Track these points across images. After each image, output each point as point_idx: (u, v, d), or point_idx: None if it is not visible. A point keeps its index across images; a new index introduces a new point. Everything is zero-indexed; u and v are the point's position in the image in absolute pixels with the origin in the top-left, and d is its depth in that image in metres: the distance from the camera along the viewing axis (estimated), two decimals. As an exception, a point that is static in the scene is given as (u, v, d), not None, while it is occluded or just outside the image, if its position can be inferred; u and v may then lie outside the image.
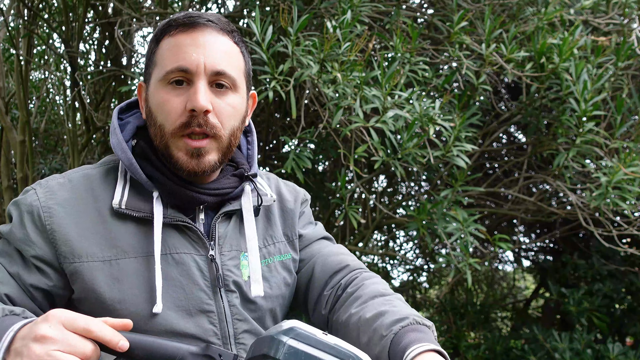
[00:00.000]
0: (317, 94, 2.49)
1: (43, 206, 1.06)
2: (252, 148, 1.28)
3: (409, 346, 0.98)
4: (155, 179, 1.11)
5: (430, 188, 3.24)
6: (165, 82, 1.08)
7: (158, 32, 1.12)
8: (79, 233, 1.06)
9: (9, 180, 3.96)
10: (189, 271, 1.09)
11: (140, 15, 3.08)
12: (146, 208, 1.09)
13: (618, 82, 2.67)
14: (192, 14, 1.09)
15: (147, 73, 1.14)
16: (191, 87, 1.07)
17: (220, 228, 1.15)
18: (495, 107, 2.91)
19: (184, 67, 1.06)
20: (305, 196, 1.38)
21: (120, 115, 1.21)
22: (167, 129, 1.07)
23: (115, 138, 1.14)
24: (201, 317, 1.08)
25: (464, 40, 2.45)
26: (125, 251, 1.07)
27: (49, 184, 1.11)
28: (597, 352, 3.17)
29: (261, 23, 2.12)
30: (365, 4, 2.38)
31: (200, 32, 1.08)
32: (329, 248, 1.32)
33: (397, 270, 4.97)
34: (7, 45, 4.35)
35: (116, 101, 3.72)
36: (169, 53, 1.08)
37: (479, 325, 4.16)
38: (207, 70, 1.07)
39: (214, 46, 1.08)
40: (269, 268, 1.21)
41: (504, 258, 5.05)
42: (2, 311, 0.94)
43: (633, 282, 3.57)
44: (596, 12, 2.77)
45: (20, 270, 1.05)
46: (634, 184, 2.32)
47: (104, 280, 1.04)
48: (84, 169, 1.16)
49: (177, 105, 1.06)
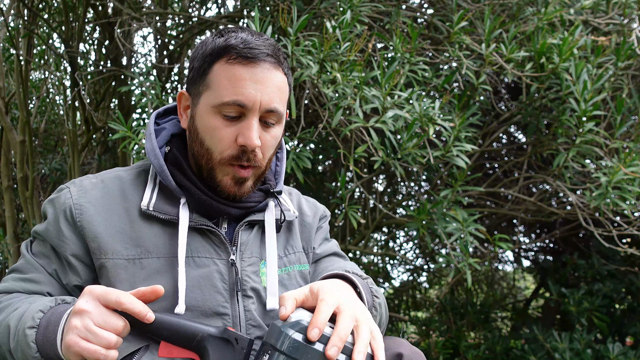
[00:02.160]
0: (316, 94, 2.49)
1: (75, 204, 1.12)
2: (280, 165, 1.32)
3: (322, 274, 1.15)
4: (185, 187, 1.14)
5: (430, 188, 3.24)
6: (219, 110, 1.10)
7: (214, 52, 1.11)
8: (106, 231, 1.10)
9: (9, 180, 3.95)
10: (208, 274, 1.12)
11: (140, 15, 3.08)
12: (172, 211, 1.14)
13: (618, 82, 2.67)
14: (250, 44, 1.10)
15: (195, 88, 1.15)
16: (243, 121, 1.10)
17: (242, 235, 1.19)
18: (495, 107, 2.91)
19: (241, 103, 1.09)
20: (325, 212, 1.41)
21: (157, 120, 1.25)
22: (216, 156, 1.12)
23: (149, 143, 1.18)
24: (216, 319, 1.11)
25: (464, 40, 2.45)
26: (149, 251, 1.11)
27: (83, 183, 1.17)
28: (597, 352, 3.16)
29: (261, 23, 2.12)
30: (365, 4, 2.38)
31: (259, 68, 1.10)
32: (338, 264, 1.34)
33: (397, 270, 4.98)
34: (7, 45, 4.35)
35: (116, 101, 3.72)
36: (227, 83, 1.09)
37: (479, 325, 4.16)
38: (261, 108, 1.10)
39: (271, 83, 1.11)
40: (289, 276, 1.24)
41: (504, 258, 5.05)
42: (55, 300, 1.03)
43: (633, 282, 3.57)
44: (596, 12, 2.77)
45: (59, 270, 1.12)
46: (634, 184, 2.32)
47: (126, 277, 1.08)
48: (117, 170, 1.22)
49: (228, 135, 1.10)
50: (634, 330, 3.57)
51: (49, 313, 0.99)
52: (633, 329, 3.57)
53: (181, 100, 1.20)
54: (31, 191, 3.74)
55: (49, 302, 1.02)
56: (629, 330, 3.61)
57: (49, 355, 0.97)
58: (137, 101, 3.48)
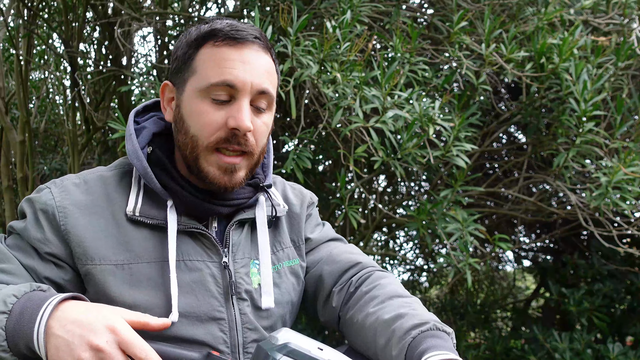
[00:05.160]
0: (316, 94, 2.49)
1: (58, 206, 1.06)
2: (267, 157, 1.26)
3: (426, 352, 0.96)
4: (171, 188, 1.09)
5: (430, 188, 3.24)
6: (206, 93, 1.05)
7: (199, 37, 1.08)
8: (92, 235, 1.05)
9: (9, 180, 3.95)
10: (201, 278, 1.09)
11: (140, 15, 3.08)
12: (160, 215, 1.09)
13: (618, 82, 2.67)
14: (237, 27, 1.07)
15: (179, 76, 1.11)
16: (233, 104, 1.05)
17: (234, 236, 1.15)
18: (495, 107, 2.91)
19: (230, 82, 1.04)
20: (312, 199, 1.36)
21: (136, 118, 1.18)
22: (202, 141, 1.06)
23: (130, 145, 1.11)
24: (212, 324, 1.08)
25: (464, 40, 2.45)
26: (139, 256, 1.06)
27: (64, 183, 1.10)
28: (597, 352, 3.16)
29: (261, 23, 2.12)
30: (365, 4, 2.37)
31: (247, 49, 1.06)
32: (339, 248, 1.30)
33: (397, 270, 4.97)
34: (7, 45, 4.35)
35: (116, 101, 3.72)
36: (214, 64, 1.05)
37: (479, 325, 4.16)
38: (252, 89, 1.06)
39: (260, 65, 1.07)
40: (279, 274, 1.20)
41: (504, 258, 5.05)
42: (30, 286, 0.94)
43: (633, 282, 3.57)
44: (596, 12, 2.77)
45: (35, 263, 1.04)
46: (634, 184, 2.32)
47: (116, 284, 1.03)
48: (99, 170, 1.15)
49: (217, 119, 1.05)
50: (634, 330, 3.57)
51: (23, 299, 0.91)
52: (633, 329, 3.57)
53: (164, 92, 1.14)
54: (31, 191, 3.74)
55: (23, 288, 0.94)
56: (629, 330, 3.60)
57: (18, 345, 0.89)
58: (137, 101, 3.47)
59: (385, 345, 1.04)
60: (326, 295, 1.25)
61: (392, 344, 1.02)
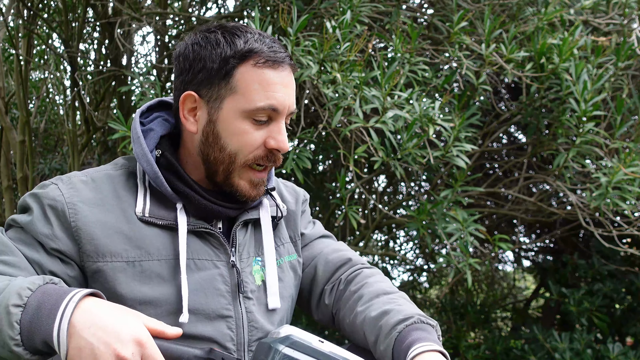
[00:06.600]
0: (316, 94, 2.49)
1: (68, 202, 1.05)
2: None
3: (411, 345, 1.03)
4: (182, 192, 1.11)
5: (430, 188, 3.24)
6: (250, 115, 1.08)
7: (237, 54, 1.07)
8: (103, 232, 1.05)
9: (9, 180, 3.95)
10: (210, 277, 1.11)
11: (140, 15, 3.08)
12: (169, 216, 1.11)
13: (618, 82, 2.67)
14: (274, 47, 1.10)
15: (210, 90, 1.09)
16: (272, 124, 1.11)
17: (239, 235, 1.18)
18: (495, 107, 2.91)
19: (275, 107, 1.09)
20: (305, 196, 1.40)
21: (140, 118, 1.18)
22: (240, 159, 1.10)
23: (139, 148, 1.11)
24: (220, 322, 1.10)
25: (464, 40, 2.45)
26: (149, 253, 1.07)
27: (72, 180, 1.09)
28: (597, 352, 3.16)
29: (261, 23, 2.12)
30: (365, 4, 2.37)
31: (285, 72, 1.11)
32: (331, 246, 1.36)
33: (397, 270, 4.97)
34: (7, 45, 4.35)
35: (116, 101, 3.72)
36: (259, 87, 1.07)
37: (479, 325, 4.16)
38: (288, 111, 1.12)
39: (293, 86, 1.13)
40: (282, 268, 1.24)
41: (504, 258, 5.05)
42: (43, 279, 0.93)
43: (633, 282, 3.57)
44: (596, 12, 2.77)
45: (41, 257, 1.03)
46: (634, 184, 2.32)
47: (126, 280, 1.05)
48: (104, 169, 1.15)
49: (257, 138, 1.10)
50: (634, 330, 3.57)
51: (38, 292, 0.89)
52: (633, 329, 3.57)
53: (185, 102, 1.12)
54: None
55: (37, 280, 0.91)
56: (629, 330, 3.61)
57: (32, 340, 0.87)
58: (137, 101, 3.47)
59: (375, 342, 1.11)
60: (319, 293, 1.31)
61: (380, 340, 1.09)
